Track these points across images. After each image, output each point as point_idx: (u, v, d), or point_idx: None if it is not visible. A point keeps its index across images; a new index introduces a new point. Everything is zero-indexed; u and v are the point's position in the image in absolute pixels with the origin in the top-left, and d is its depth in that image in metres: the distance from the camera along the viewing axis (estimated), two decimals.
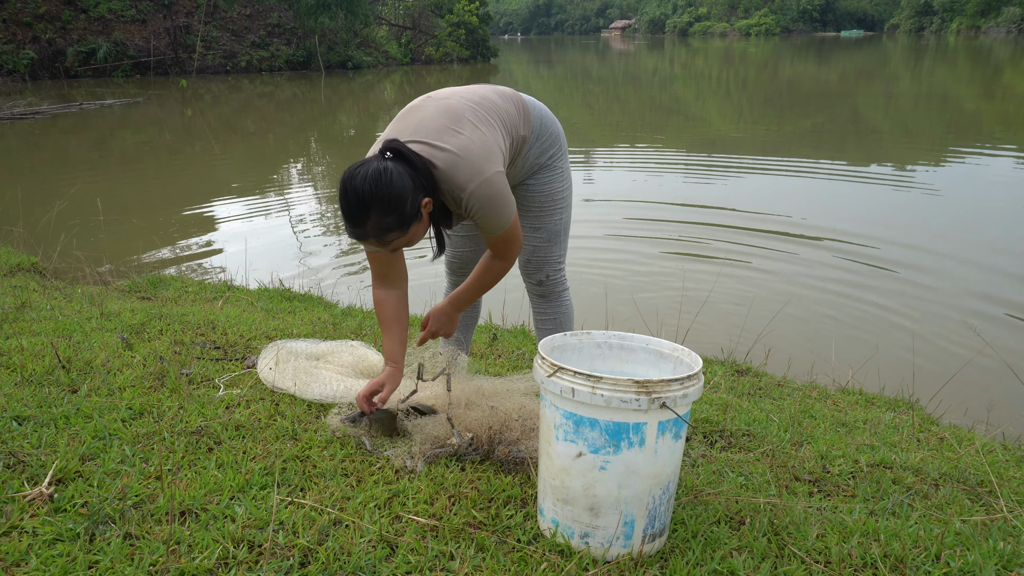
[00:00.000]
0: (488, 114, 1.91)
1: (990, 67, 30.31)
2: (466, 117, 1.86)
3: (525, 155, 2.08)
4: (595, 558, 1.55)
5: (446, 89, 1.99)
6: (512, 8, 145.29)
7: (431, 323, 2.12)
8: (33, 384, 2.22)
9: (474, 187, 1.79)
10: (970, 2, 68.25)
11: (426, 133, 1.82)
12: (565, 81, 30.13)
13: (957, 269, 5.41)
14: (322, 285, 4.94)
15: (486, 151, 1.83)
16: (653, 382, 1.44)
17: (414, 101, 1.96)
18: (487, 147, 1.84)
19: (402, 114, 1.93)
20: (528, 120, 2.05)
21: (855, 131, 13.30)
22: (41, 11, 25.38)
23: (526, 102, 2.07)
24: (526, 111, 2.05)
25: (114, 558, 1.43)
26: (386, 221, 1.72)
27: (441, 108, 1.87)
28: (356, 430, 2.01)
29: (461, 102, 1.90)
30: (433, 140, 1.80)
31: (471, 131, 1.83)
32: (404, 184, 1.71)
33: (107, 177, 9.73)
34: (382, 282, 2.04)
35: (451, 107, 1.87)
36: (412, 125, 1.85)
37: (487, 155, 1.82)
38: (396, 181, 1.70)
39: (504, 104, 1.99)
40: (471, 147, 1.81)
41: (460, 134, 1.82)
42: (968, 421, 2.92)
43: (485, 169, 1.80)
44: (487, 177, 1.80)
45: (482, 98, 1.95)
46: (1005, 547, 1.62)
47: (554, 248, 2.22)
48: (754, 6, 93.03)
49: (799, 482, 1.98)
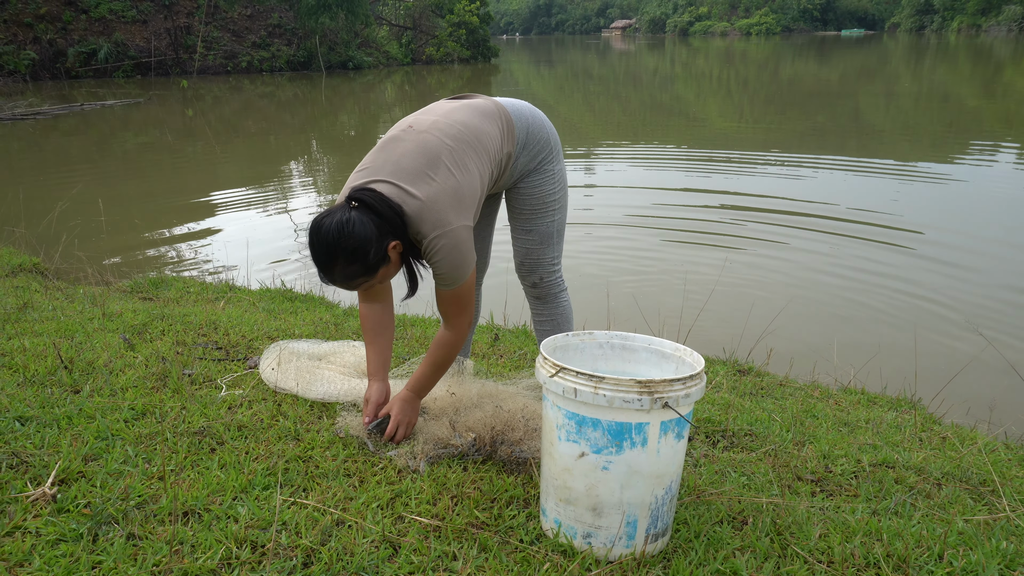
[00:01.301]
0: (467, 149, 1.90)
1: (991, 65, 30.29)
2: (443, 160, 1.85)
3: (512, 166, 2.08)
4: (598, 558, 1.55)
5: (428, 115, 1.97)
6: (513, 8, 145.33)
7: (396, 413, 2.01)
8: (35, 384, 2.22)
9: (435, 235, 1.81)
10: (971, 1, 68.19)
11: (402, 175, 1.83)
12: (566, 81, 30.13)
13: (959, 268, 5.40)
14: (323, 285, 4.94)
15: (456, 200, 1.84)
16: (655, 382, 1.44)
17: (396, 129, 1.96)
18: (458, 195, 1.84)
19: (383, 144, 1.93)
20: (512, 135, 2.05)
21: (856, 130, 13.29)
22: (42, 12, 25.40)
23: (510, 115, 2.05)
24: (510, 126, 2.04)
25: (117, 558, 1.43)
26: (351, 269, 1.78)
27: (419, 146, 1.87)
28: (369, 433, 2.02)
29: (439, 140, 1.88)
30: (406, 184, 1.82)
31: (444, 177, 1.84)
32: (367, 233, 1.74)
33: (108, 178, 9.74)
34: (366, 296, 2.09)
35: (428, 147, 1.86)
36: (390, 163, 1.86)
37: (456, 205, 1.83)
38: (358, 231, 1.73)
39: (486, 127, 1.97)
40: (440, 197, 1.82)
41: (433, 181, 1.82)
42: (970, 420, 2.92)
43: (451, 220, 1.82)
44: (451, 229, 1.82)
45: (463, 130, 1.92)
46: (1008, 547, 1.62)
47: (547, 250, 2.20)
48: (755, 5, 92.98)
49: (801, 482, 1.98)
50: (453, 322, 1.97)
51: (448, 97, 2.10)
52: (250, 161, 11.48)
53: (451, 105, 2.01)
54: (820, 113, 15.96)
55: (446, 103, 2.04)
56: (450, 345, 1.99)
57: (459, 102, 2.04)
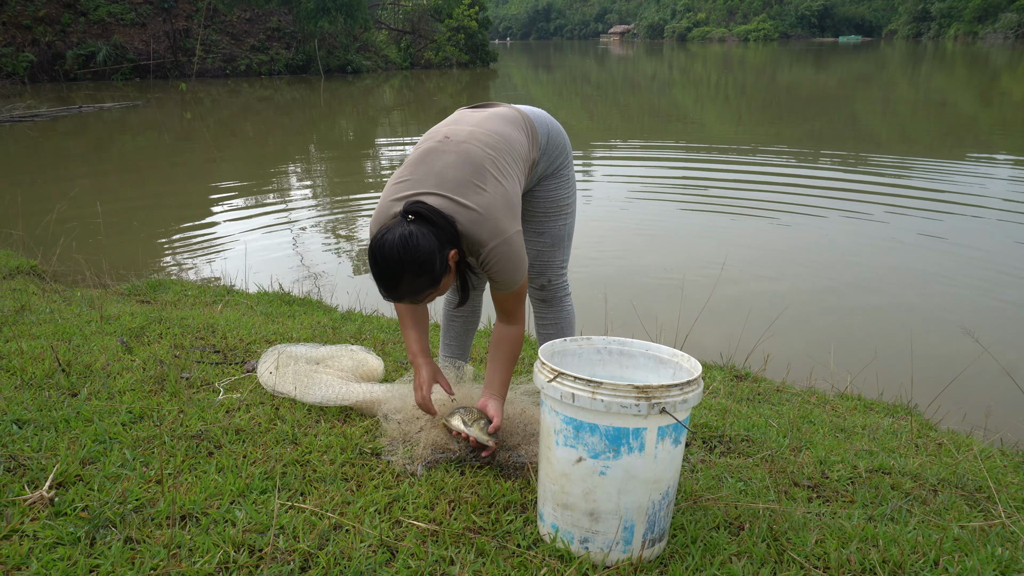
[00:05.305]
0: (507, 158, 1.92)
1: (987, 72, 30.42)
2: (488, 170, 1.85)
3: (533, 172, 2.11)
4: (595, 563, 1.56)
5: (462, 125, 1.97)
6: (511, 13, 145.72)
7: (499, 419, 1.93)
8: (33, 387, 2.22)
9: (494, 245, 1.81)
10: (967, 8, 68.52)
11: (449, 187, 1.82)
12: (564, 86, 30.18)
13: (955, 273, 5.42)
14: (321, 289, 4.95)
15: (507, 208, 1.85)
16: (653, 387, 1.45)
17: (431, 140, 1.93)
18: (508, 203, 1.85)
19: (421, 156, 1.90)
20: (536, 141, 2.07)
21: (853, 135, 13.33)
22: (41, 14, 25.40)
23: (532, 121, 2.08)
24: (534, 132, 2.06)
25: (115, 562, 1.43)
26: (419, 283, 1.75)
27: (462, 157, 1.86)
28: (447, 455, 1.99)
29: (481, 150, 1.88)
30: (456, 196, 1.81)
31: (493, 187, 1.84)
32: (431, 245, 1.72)
33: (106, 180, 9.73)
34: None
35: (472, 157, 1.86)
36: (434, 175, 1.84)
37: (508, 212, 1.85)
38: (423, 244, 1.71)
39: (516, 135, 1.99)
40: (494, 205, 1.82)
41: (483, 191, 1.82)
42: (966, 427, 2.93)
43: (506, 228, 1.82)
44: (507, 237, 1.82)
45: (499, 140, 1.93)
46: (1003, 553, 1.63)
47: (557, 253, 2.24)
48: (752, 11, 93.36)
49: (798, 487, 1.99)
50: (516, 316, 1.98)
51: (468, 106, 2.11)
52: (248, 164, 11.48)
53: (480, 115, 2.01)
54: (818, 119, 16.01)
55: (471, 113, 2.04)
56: (519, 339, 2.00)
57: (485, 111, 2.04)
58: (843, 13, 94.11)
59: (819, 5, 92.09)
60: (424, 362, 2.03)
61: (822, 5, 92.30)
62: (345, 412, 2.24)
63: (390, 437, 2.05)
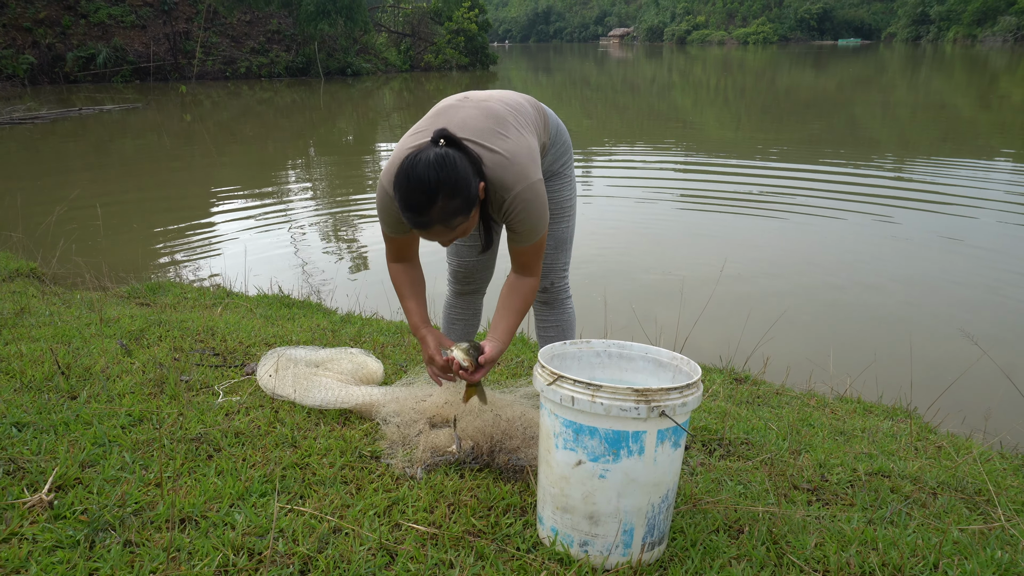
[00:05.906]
0: (526, 119, 1.93)
1: (986, 75, 30.45)
2: (509, 121, 1.86)
3: (544, 160, 2.11)
4: (594, 566, 1.55)
5: (481, 92, 2.00)
6: (511, 16, 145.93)
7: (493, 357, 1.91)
8: (32, 390, 2.22)
9: (520, 189, 1.79)
10: (966, 11, 68.66)
11: (472, 132, 1.81)
12: (564, 88, 30.21)
13: (955, 274, 5.42)
14: (321, 292, 4.95)
15: (531, 157, 1.84)
16: (652, 391, 1.45)
17: (448, 100, 1.95)
18: (531, 152, 1.85)
19: (437, 111, 1.91)
20: (547, 127, 2.08)
21: (852, 138, 13.35)
22: (41, 16, 25.43)
23: (544, 108, 2.11)
24: (545, 117, 2.09)
25: (114, 565, 1.43)
26: (453, 204, 1.67)
27: (483, 110, 1.87)
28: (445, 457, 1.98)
29: (502, 106, 1.90)
30: (480, 139, 1.79)
31: (516, 135, 1.84)
32: (466, 168, 1.69)
33: (106, 182, 9.74)
34: (397, 259, 2.04)
35: (493, 109, 1.87)
36: (455, 123, 1.83)
37: (532, 160, 1.84)
38: (460, 164, 1.67)
39: (532, 111, 2.01)
40: (519, 151, 1.81)
41: (507, 137, 1.82)
42: (966, 430, 2.93)
43: (531, 174, 1.81)
44: (532, 182, 1.81)
45: (518, 104, 1.96)
46: (1003, 556, 1.63)
47: (560, 255, 2.24)
48: (752, 15, 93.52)
49: (797, 491, 1.99)
50: (533, 269, 1.95)
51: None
52: (248, 166, 11.49)
53: (491, 91, 2.03)
54: (817, 122, 16.03)
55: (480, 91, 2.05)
56: (532, 291, 1.96)
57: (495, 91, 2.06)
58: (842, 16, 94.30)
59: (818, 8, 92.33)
60: (427, 332, 2.00)
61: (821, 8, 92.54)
62: (345, 415, 2.24)
63: (389, 440, 2.05)
